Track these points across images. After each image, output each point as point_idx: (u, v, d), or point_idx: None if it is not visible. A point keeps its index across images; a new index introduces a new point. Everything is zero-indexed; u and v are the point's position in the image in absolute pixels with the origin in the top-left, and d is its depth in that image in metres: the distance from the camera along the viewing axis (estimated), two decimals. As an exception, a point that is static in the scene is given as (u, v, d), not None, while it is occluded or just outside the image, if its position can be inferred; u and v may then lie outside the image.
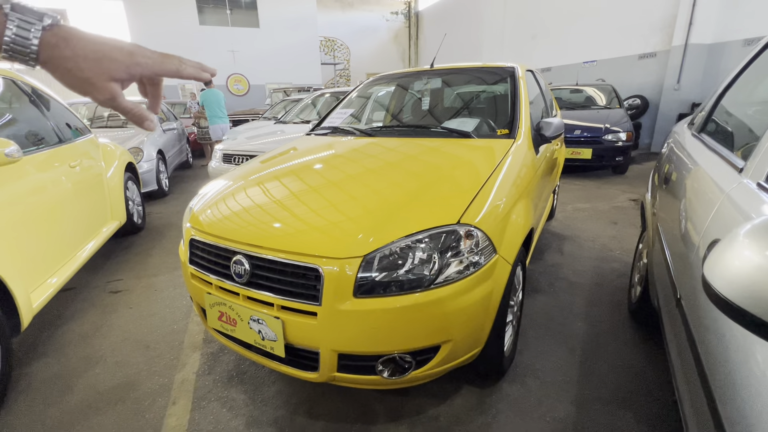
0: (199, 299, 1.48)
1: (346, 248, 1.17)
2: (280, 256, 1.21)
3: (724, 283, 0.33)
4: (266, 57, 13.13)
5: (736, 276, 0.32)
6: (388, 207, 1.31)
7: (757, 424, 0.55)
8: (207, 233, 1.41)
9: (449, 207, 1.28)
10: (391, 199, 1.35)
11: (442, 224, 1.21)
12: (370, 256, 1.15)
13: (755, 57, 1.39)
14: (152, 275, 2.77)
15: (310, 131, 2.50)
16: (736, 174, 0.98)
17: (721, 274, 0.33)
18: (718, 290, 0.33)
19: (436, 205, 1.30)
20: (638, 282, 1.97)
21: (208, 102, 6.69)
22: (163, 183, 5.10)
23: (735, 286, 0.32)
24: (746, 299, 0.31)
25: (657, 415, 1.44)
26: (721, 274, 0.33)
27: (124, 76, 0.46)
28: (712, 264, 0.35)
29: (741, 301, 0.32)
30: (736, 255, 0.33)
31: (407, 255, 1.18)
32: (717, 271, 0.34)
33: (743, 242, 0.33)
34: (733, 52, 6.72)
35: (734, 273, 0.32)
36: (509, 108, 2.07)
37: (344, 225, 1.25)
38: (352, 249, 1.16)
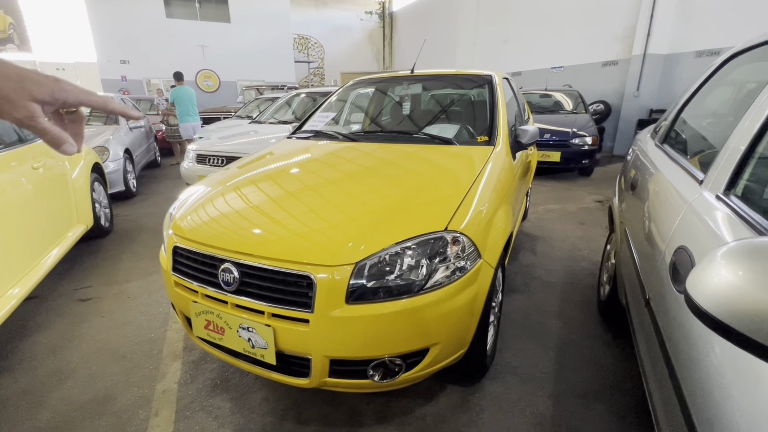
0: (183, 308, 1.45)
1: (338, 256, 1.18)
2: (271, 264, 1.21)
3: (705, 298, 0.38)
4: (237, 53, 12.81)
5: (715, 292, 0.38)
6: (377, 214, 1.33)
7: (722, 412, 0.62)
8: (192, 240, 1.39)
9: (436, 214, 1.33)
10: (379, 206, 1.38)
11: (430, 231, 1.25)
12: (361, 263, 1.18)
13: (713, 73, 1.52)
14: (124, 281, 2.66)
15: (291, 134, 2.49)
16: (697, 185, 1.08)
17: (702, 291, 0.39)
18: (699, 304, 0.39)
19: (424, 213, 1.34)
20: (607, 281, 2.10)
21: (180, 99, 6.44)
22: (130, 184, 4.89)
23: (714, 301, 0.37)
24: (723, 312, 0.37)
25: (626, 407, 1.55)
26: (701, 290, 0.39)
27: (47, 98, 0.45)
28: (694, 281, 0.40)
29: (719, 313, 0.37)
30: (714, 273, 0.38)
31: (397, 261, 1.21)
32: (698, 288, 0.39)
33: (720, 263, 0.38)
34: (687, 62, 7.22)
35: (713, 289, 0.38)
36: (488, 115, 2.15)
37: (334, 232, 1.27)
38: (344, 256, 1.18)
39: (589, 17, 8.64)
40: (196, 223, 1.46)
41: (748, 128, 0.95)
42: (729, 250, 0.39)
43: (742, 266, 0.37)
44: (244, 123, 6.28)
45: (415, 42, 15.50)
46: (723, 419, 0.61)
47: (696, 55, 7.06)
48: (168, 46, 11.73)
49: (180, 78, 6.57)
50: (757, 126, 0.91)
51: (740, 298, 0.36)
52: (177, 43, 11.86)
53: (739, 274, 0.37)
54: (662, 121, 1.97)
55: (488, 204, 1.50)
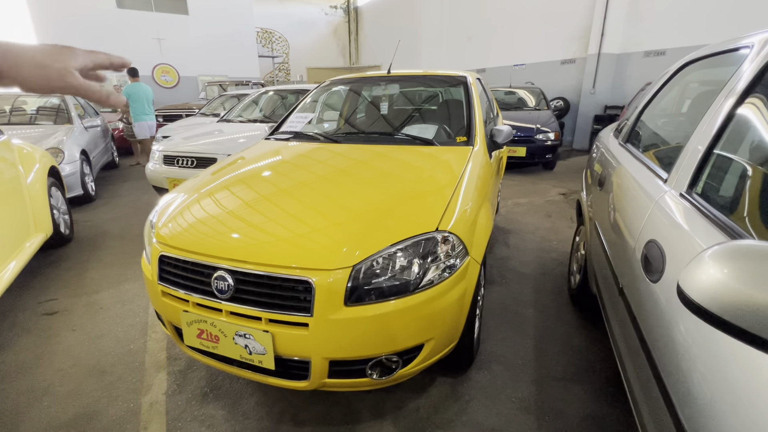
0: (172, 318, 1.42)
1: (335, 259, 1.21)
2: (268, 270, 1.22)
3: (696, 293, 0.45)
4: (197, 47, 12.24)
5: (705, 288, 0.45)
6: (370, 216, 1.37)
7: (693, 384, 0.72)
8: (180, 249, 1.36)
9: (426, 215, 1.38)
10: (371, 209, 1.41)
11: (421, 232, 1.30)
12: (358, 265, 1.21)
13: (669, 79, 1.67)
14: (93, 292, 2.53)
15: (269, 135, 2.46)
16: (661, 184, 1.20)
17: (693, 287, 0.46)
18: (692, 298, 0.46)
19: (414, 214, 1.39)
20: (577, 271, 2.25)
21: (134, 97, 6.05)
22: (89, 187, 4.60)
23: (704, 295, 0.45)
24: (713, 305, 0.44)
25: (599, 385, 1.69)
26: (693, 286, 0.46)
27: (85, 64, 0.51)
28: (686, 278, 0.47)
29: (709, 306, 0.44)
30: (703, 272, 0.46)
31: (392, 263, 1.25)
32: (690, 284, 0.46)
33: (708, 262, 0.46)
34: (636, 61, 7.72)
35: (703, 286, 0.45)
36: (465, 116, 2.23)
37: (330, 236, 1.29)
38: (342, 260, 1.21)
39: (549, 17, 9.01)
40: (183, 231, 1.43)
41: (705, 132, 1.07)
42: (715, 252, 0.46)
43: (727, 265, 0.44)
44: (211, 121, 6.06)
45: (381, 37, 15.48)
46: (693, 390, 0.70)
47: (644, 55, 7.57)
48: (120, 38, 11.01)
49: (135, 74, 6.19)
50: (713, 131, 1.03)
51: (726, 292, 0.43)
52: (130, 35, 11.15)
53: (724, 272, 0.44)
54: (624, 120, 2.13)
55: (472, 203, 1.57)
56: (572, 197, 4.77)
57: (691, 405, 0.71)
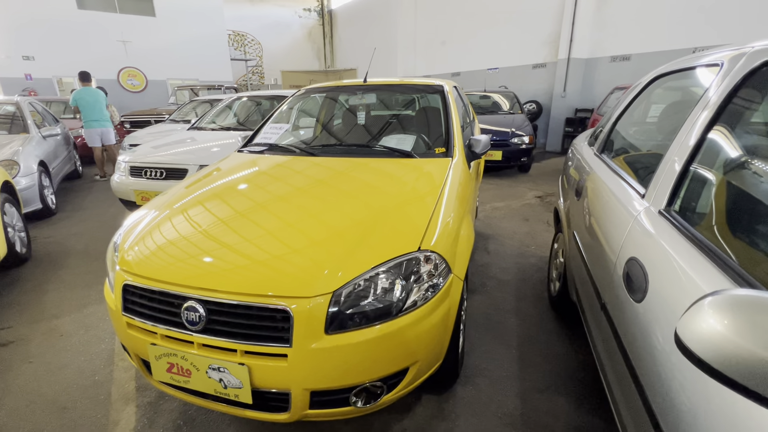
0: (139, 351, 1.32)
1: (314, 285, 1.15)
2: (242, 299, 1.15)
3: (695, 343, 0.43)
4: (166, 50, 11.84)
5: (703, 338, 0.43)
6: (348, 237, 1.32)
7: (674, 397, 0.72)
8: (146, 277, 1.27)
9: (407, 234, 1.34)
10: (350, 229, 1.36)
11: (403, 252, 1.26)
12: (339, 291, 1.16)
13: (641, 90, 1.70)
14: (53, 317, 2.36)
15: (243, 147, 2.37)
16: (639, 199, 1.20)
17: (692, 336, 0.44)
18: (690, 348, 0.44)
19: (395, 234, 1.35)
20: (557, 278, 2.27)
21: (82, 102, 5.62)
22: (48, 200, 4.33)
23: (702, 346, 0.43)
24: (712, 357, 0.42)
25: (583, 395, 1.70)
26: (691, 336, 0.44)
27: None
28: (684, 326, 0.46)
29: (708, 358, 0.42)
30: (702, 321, 0.44)
31: (374, 286, 1.21)
32: (688, 334, 0.45)
33: (708, 311, 0.44)
34: (603, 66, 8.00)
35: (702, 336, 0.43)
36: (443, 126, 2.21)
37: (307, 260, 1.23)
38: (321, 285, 1.15)
39: (520, 23, 9.22)
40: (148, 257, 1.33)
41: (681, 149, 1.08)
42: (714, 300, 0.44)
43: (727, 316, 0.42)
44: (181, 128, 5.84)
45: (356, 41, 15.44)
46: (675, 402, 0.70)
47: (611, 60, 7.85)
48: (82, 40, 10.49)
49: (85, 78, 5.73)
50: (688, 148, 1.04)
51: (726, 346, 0.41)
52: (93, 37, 10.65)
53: (724, 323, 0.42)
54: (598, 129, 2.17)
55: (453, 217, 1.55)
56: (548, 200, 4.87)
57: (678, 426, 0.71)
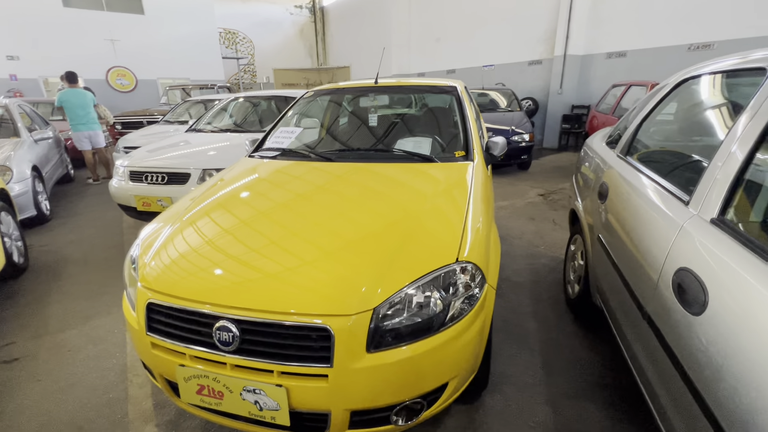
0: (165, 372, 1.26)
1: (354, 302, 1.10)
2: (279, 318, 1.10)
3: None
4: (156, 48, 11.59)
5: None
6: (384, 250, 1.27)
7: (750, 415, 0.69)
8: (173, 296, 1.21)
9: (443, 245, 1.30)
10: (384, 240, 1.31)
11: (442, 265, 1.22)
12: (379, 307, 1.11)
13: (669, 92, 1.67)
14: (58, 330, 2.27)
15: (253, 152, 2.30)
16: (683, 206, 1.18)
17: None
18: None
19: (431, 244, 1.31)
20: (576, 281, 2.26)
21: (68, 105, 5.39)
22: (43, 206, 4.19)
23: None
24: None
25: (612, 401, 1.68)
26: None
27: None
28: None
29: None
30: None
31: (414, 301, 1.16)
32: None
33: None
34: (599, 63, 8.04)
35: None
36: (460, 129, 2.17)
37: (344, 275, 1.18)
38: (361, 302, 1.11)
39: (515, 19, 9.21)
40: (174, 273, 1.27)
41: (732, 156, 1.05)
42: None
43: None
44: (175, 130, 5.71)
45: (349, 38, 15.30)
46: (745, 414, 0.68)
47: (607, 56, 7.89)
48: (69, 39, 10.20)
49: (72, 79, 5.45)
50: (743, 154, 1.01)
51: None
52: (80, 36, 10.36)
53: None
54: (616, 130, 2.15)
55: (482, 224, 1.51)
56: (551, 198, 4.87)
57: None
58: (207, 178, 3.34)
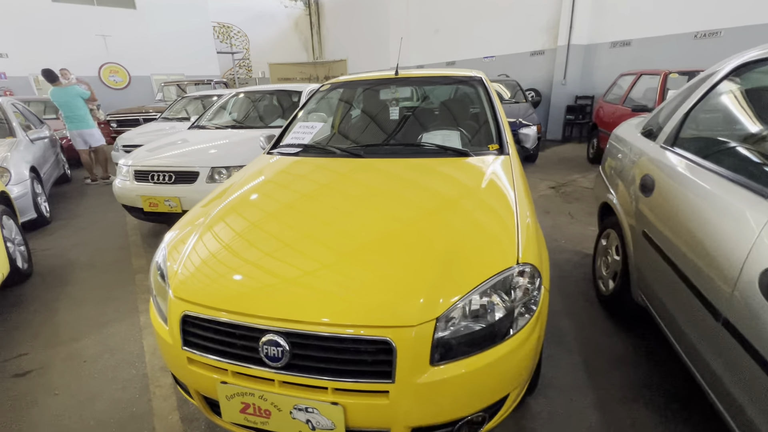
0: (203, 389, 1.17)
1: (416, 312, 1.01)
2: (334, 331, 1.00)
3: None
4: (149, 44, 11.31)
5: None
6: (437, 255, 1.17)
7: None
8: (213, 308, 1.11)
9: (500, 246, 1.21)
10: (435, 244, 1.21)
11: (503, 268, 1.13)
12: (442, 317, 1.02)
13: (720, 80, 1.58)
14: (71, 340, 2.17)
15: (272, 149, 2.18)
16: (765, 202, 1.09)
17: None
18: None
19: (488, 246, 1.22)
20: (610, 277, 2.18)
21: (57, 104, 5.22)
22: (42, 208, 4.05)
23: None
24: None
25: (663, 404, 1.61)
26: None
27: None
28: None
29: None
30: None
31: (478, 309, 1.07)
32: None
33: None
34: (603, 52, 7.93)
35: None
36: (491, 121, 2.07)
37: (401, 283, 1.09)
38: (423, 312, 1.02)
39: (516, 9, 9.07)
40: (211, 282, 1.17)
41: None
42: None
43: None
44: (172, 127, 5.56)
45: (345, 31, 15.06)
46: None
47: (611, 46, 7.79)
48: (59, 35, 9.92)
49: (50, 78, 5.15)
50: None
51: None
52: (70, 32, 10.07)
53: None
54: (653, 120, 2.06)
55: (530, 221, 1.42)
56: (563, 191, 4.79)
57: None
58: (216, 176, 3.23)
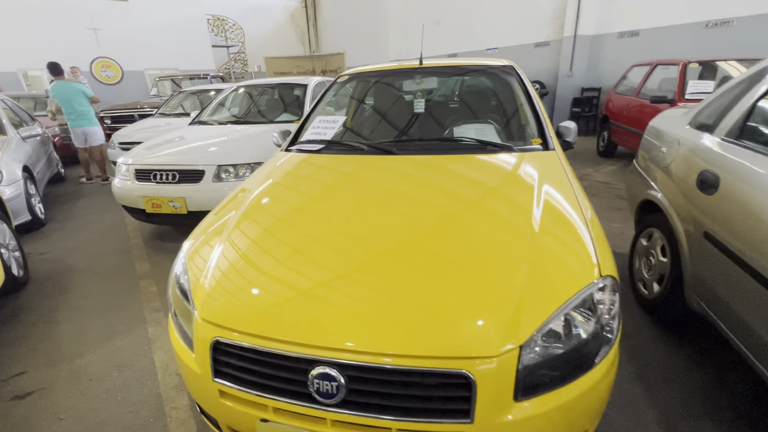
0: (238, 426, 1.01)
1: (497, 339, 0.86)
2: (402, 363, 0.84)
3: None
4: (141, 37, 10.97)
5: None
6: (507, 270, 1.01)
7: None
8: (251, 334, 0.94)
9: (579, 257, 1.05)
10: (502, 257, 1.05)
11: (586, 284, 0.98)
12: (526, 344, 0.87)
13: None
14: (74, 355, 1.99)
15: (290, 146, 2.01)
16: None
17: None
18: None
19: (565, 258, 1.06)
20: (653, 279, 2.04)
21: (59, 99, 4.96)
22: (37, 210, 3.84)
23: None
24: None
25: (730, 419, 1.48)
26: None
27: None
28: None
29: None
30: None
31: (562, 333, 0.92)
32: None
33: None
34: (610, 43, 7.77)
35: None
36: (530, 114, 1.90)
37: (476, 304, 0.93)
38: (505, 339, 0.86)
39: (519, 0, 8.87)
40: (246, 303, 1.01)
41: None
42: None
43: None
44: (168, 123, 5.36)
45: (342, 23, 14.75)
46: None
47: (618, 36, 7.62)
48: (48, 29, 9.56)
49: (55, 71, 4.94)
50: None
51: None
52: (59, 25, 9.72)
53: None
54: (705, 112, 1.91)
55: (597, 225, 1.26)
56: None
57: None
58: (223, 175, 3.04)
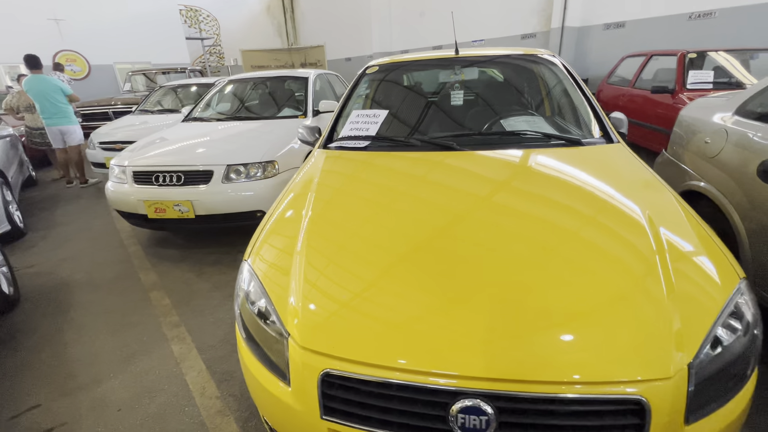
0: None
1: (667, 359, 0.77)
2: (563, 392, 0.74)
3: None
4: (109, 29, 10.27)
5: None
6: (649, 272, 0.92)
7: None
8: (371, 364, 0.81)
9: (718, 259, 0.97)
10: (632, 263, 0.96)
11: (733, 288, 0.90)
12: (694, 361, 0.78)
13: None
14: (92, 382, 1.78)
15: (327, 144, 1.85)
16: None
17: None
18: None
19: (702, 260, 0.97)
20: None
21: (33, 94, 4.51)
22: (16, 218, 3.49)
23: None
24: None
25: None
26: None
27: None
28: None
29: None
30: None
31: (722, 345, 0.84)
32: None
33: None
34: (596, 34, 7.88)
35: None
36: (585, 105, 1.81)
37: (631, 323, 0.83)
38: (673, 357, 0.77)
39: (505, -10, 8.86)
40: (359, 327, 0.87)
41: None
42: None
43: None
44: (143, 122, 5.02)
45: (321, 15, 14.36)
46: None
47: (604, 28, 7.74)
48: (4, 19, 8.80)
49: (33, 64, 4.51)
50: None
51: None
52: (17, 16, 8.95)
53: None
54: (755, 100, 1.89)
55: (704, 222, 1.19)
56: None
57: None
58: (233, 175, 2.83)
